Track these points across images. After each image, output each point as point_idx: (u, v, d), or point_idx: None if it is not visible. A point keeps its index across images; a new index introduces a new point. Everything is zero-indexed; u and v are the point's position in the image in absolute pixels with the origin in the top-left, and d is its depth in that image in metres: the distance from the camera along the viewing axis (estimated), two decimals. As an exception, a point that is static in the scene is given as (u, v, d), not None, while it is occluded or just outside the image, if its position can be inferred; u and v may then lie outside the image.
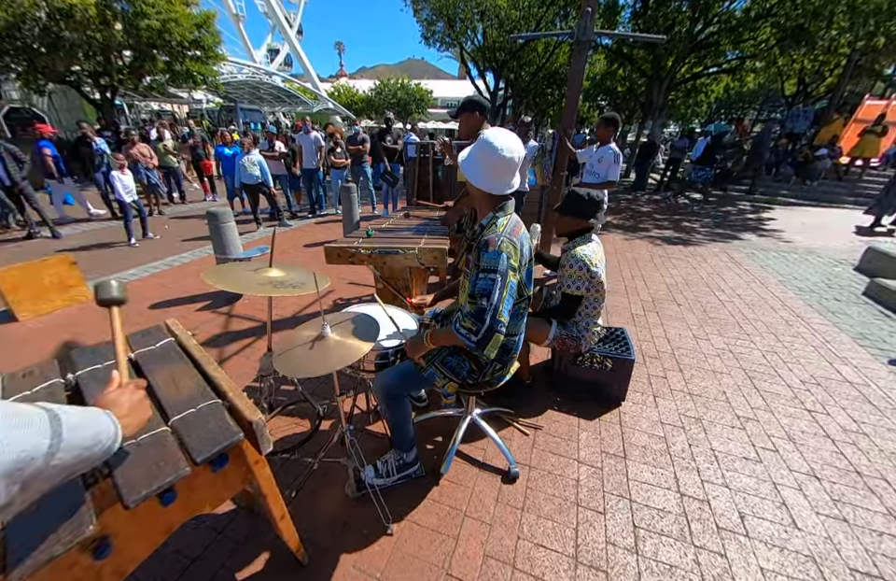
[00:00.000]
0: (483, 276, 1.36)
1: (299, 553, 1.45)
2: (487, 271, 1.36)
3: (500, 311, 1.36)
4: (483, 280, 1.36)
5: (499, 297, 1.35)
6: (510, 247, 1.39)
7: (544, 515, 1.75)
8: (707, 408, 2.50)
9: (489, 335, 1.36)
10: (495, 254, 1.36)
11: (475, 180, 1.44)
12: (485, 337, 1.36)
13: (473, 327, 1.35)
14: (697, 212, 9.02)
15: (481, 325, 1.34)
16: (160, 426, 0.94)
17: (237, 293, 3.66)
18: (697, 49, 11.28)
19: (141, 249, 5.46)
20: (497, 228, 1.43)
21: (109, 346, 1.29)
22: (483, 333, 1.35)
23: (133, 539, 0.94)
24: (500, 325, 1.37)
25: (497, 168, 1.40)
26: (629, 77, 14.61)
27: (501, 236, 1.39)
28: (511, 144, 1.38)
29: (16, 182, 5.23)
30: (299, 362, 1.34)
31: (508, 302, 1.39)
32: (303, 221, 7.41)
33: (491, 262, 1.36)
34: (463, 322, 1.38)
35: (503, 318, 1.37)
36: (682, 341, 3.30)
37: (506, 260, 1.36)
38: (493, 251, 1.36)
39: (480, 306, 1.35)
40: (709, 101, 21.05)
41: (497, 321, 1.36)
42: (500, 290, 1.35)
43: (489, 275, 1.35)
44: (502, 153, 1.37)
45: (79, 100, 11.23)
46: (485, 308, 1.34)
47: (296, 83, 25.55)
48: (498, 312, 1.35)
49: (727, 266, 5.29)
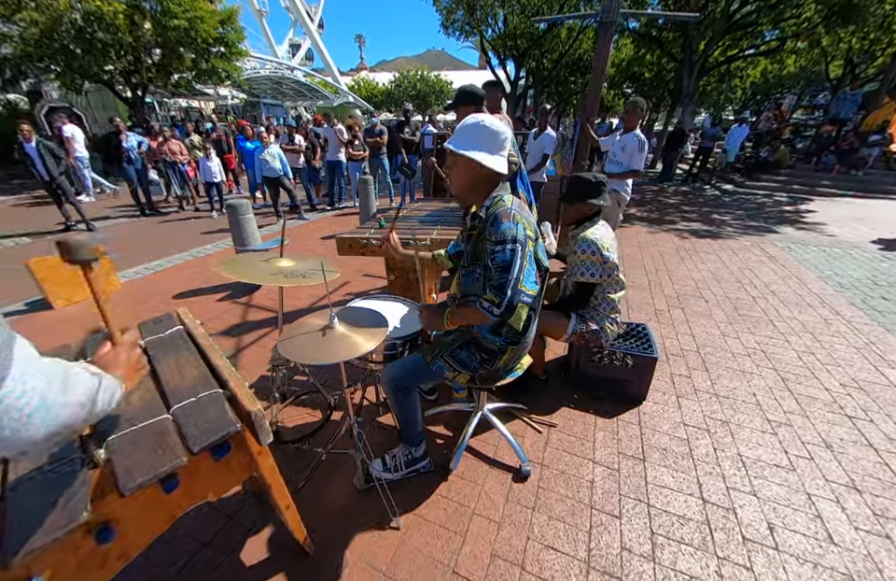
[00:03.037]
0: (499, 249, 1.32)
1: (305, 543, 1.45)
2: (503, 242, 1.32)
3: (521, 281, 1.33)
4: (501, 253, 1.32)
5: (520, 266, 1.32)
6: (523, 218, 1.37)
7: (556, 516, 1.69)
8: (735, 411, 2.35)
9: (512, 307, 1.33)
10: (510, 225, 1.32)
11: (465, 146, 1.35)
12: (508, 308, 1.33)
13: (496, 299, 1.32)
14: (728, 203, 8.56)
15: (502, 297, 1.31)
16: (161, 413, 0.94)
17: (255, 284, 3.74)
18: (733, 30, 10.58)
19: (166, 243, 5.67)
20: (505, 202, 1.40)
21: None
22: (505, 305, 1.32)
23: (136, 525, 0.94)
24: (523, 295, 1.35)
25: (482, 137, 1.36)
26: (657, 63, 13.95)
27: (513, 208, 1.37)
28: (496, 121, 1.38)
29: (53, 177, 5.51)
30: (304, 349, 1.32)
31: (529, 272, 1.37)
32: (321, 214, 7.50)
33: (507, 233, 1.32)
34: (485, 296, 1.36)
35: (525, 289, 1.35)
36: (709, 339, 3.13)
37: (522, 230, 1.33)
38: (507, 222, 1.33)
39: (501, 280, 1.31)
40: (744, 86, 19.88)
41: (519, 291, 1.33)
42: (521, 260, 1.32)
43: (507, 246, 1.31)
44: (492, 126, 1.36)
45: (113, 98, 11.72)
46: (505, 280, 1.31)
47: (317, 77, 25.87)
48: (520, 282, 1.33)
49: (760, 260, 4.99)
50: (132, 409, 0.95)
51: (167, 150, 6.94)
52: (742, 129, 10.38)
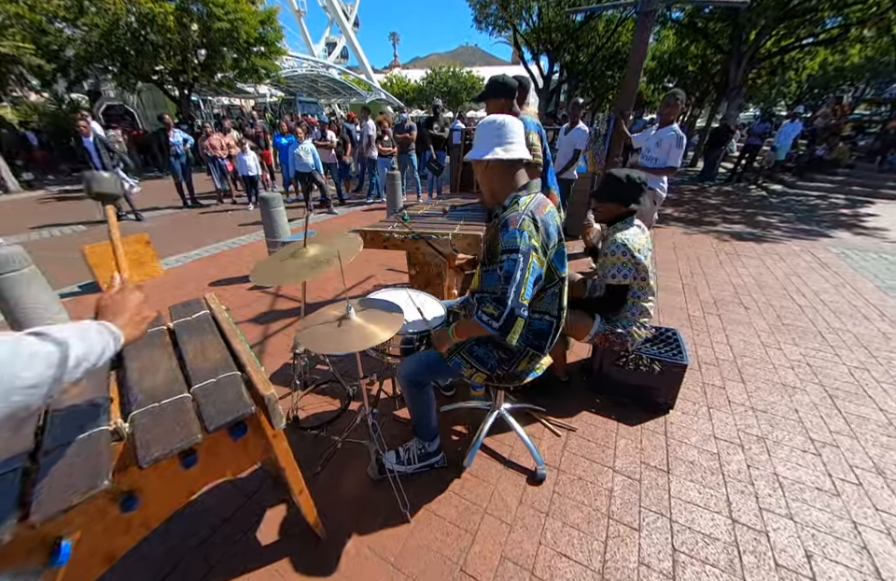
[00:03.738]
0: (504, 258, 1.31)
1: (316, 527, 1.48)
2: (509, 251, 1.30)
3: (522, 294, 1.30)
4: (507, 262, 1.30)
5: (521, 278, 1.29)
6: (530, 226, 1.32)
7: (570, 523, 1.64)
8: (774, 427, 2.19)
9: (511, 320, 1.30)
10: (514, 233, 1.30)
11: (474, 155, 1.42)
12: (507, 322, 1.30)
13: (495, 312, 1.30)
14: (776, 205, 7.97)
15: (502, 309, 1.29)
16: (182, 391, 0.98)
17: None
18: (789, 17, 9.73)
19: (204, 233, 5.99)
20: (519, 206, 1.37)
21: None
22: (504, 318, 1.29)
23: (158, 496, 1.00)
24: (522, 308, 1.31)
25: (486, 136, 1.39)
26: (702, 55, 13.14)
27: (522, 215, 1.33)
28: (494, 116, 1.40)
29: (108, 170, 5.96)
30: (320, 338, 1.35)
31: (530, 283, 1.32)
32: (350, 209, 7.66)
33: (510, 242, 1.30)
34: (484, 308, 1.33)
35: (525, 301, 1.31)
36: (748, 348, 2.93)
37: (527, 239, 1.30)
38: (513, 230, 1.30)
39: (503, 290, 1.29)
40: (800, 79, 18.35)
41: (520, 304, 1.30)
42: (522, 272, 1.29)
43: (511, 255, 1.29)
44: (490, 120, 1.38)
45: (163, 97, 12.54)
46: (506, 290, 1.28)
47: (351, 75, 26.43)
48: (521, 294, 1.30)
49: (810, 267, 4.61)
50: (157, 386, 1.00)
51: (208, 145, 7.33)
52: (795, 125, 9.62)
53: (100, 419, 0.88)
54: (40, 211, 7.54)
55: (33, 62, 8.95)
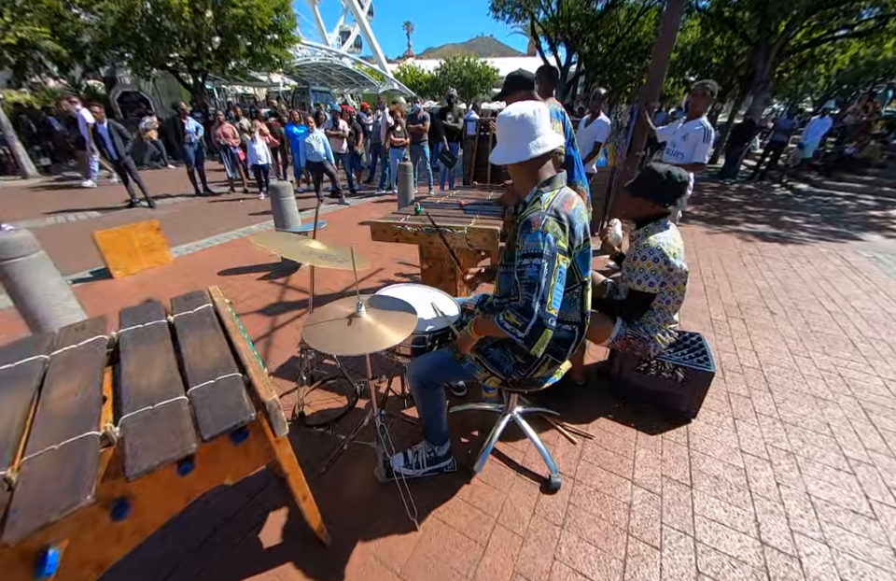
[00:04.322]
0: (526, 262, 1.19)
1: (321, 533, 1.42)
2: (531, 256, 1.18)
3: (549, 303, 1.17)
4: (529, 267, 1.18)
5: (547, 286, 1.17)
6: (555, 226, 1.20)
7: (587, 537, 1.55)
8: (804, 442, 2.06)
9: (538, 331, 1.18)
10: (537, 236, 1.18)
11: (500, 158, 1.32)
12: (533, 333, 1.18)
13: (519, 322, 1.18)
14: (801, 205, 7.65)
15: (527, 319, 1.17)
16: (179, 393, 0.92)
17: (295, 264, 3.82)
18: (823, 7, 9.24)
19: (215, 222, 5.98)
20: (542, 204, 1.24)
21: (152, 304, 1.35)
22: (530, 329, 1.17)
23: (152, 503, 0.94)
24: (551, 319, 1.18)
25: (510, 133, 1.27)
26: (728, 46, 12.62)
27: (545, 214, 1.21)
28: (519, 106, 1.27)
29: (121, 157, 6.02)
30: (327, 337, 1.27)
31: (558, 291, 1.20)
32: (361, 200, 7.59)
33: (533, 246, 1.18)
34: (507, 315, 1.22)
35: (553, 311, 1.19)
36: (774, 356, 2.78)
37: (552, 241, 1.18)
38: (535, 232, 1.18)
39: (526, 298, 1.17)
40: (829, 73, 17.56)
41: (547, 314, 1.17)
42: (548, 278, 1.16)
43: (533, 260, 1.17)
44: (509, 115, 1.26)
45: (177, 85, 12.59)
46: (531, 300, 1.16)
47: (364, 65, 26.20)
48: (547, 304, 1.17)
49: (840, 271, 4.38)
50: (153, 386, 0.93)
51: (220, 133, 7.31)
52: (824, 121, 9.18)
53: (89, 422, 0.81)
54: (55, 197, 7.63)
55: (50, 47, 9.03)
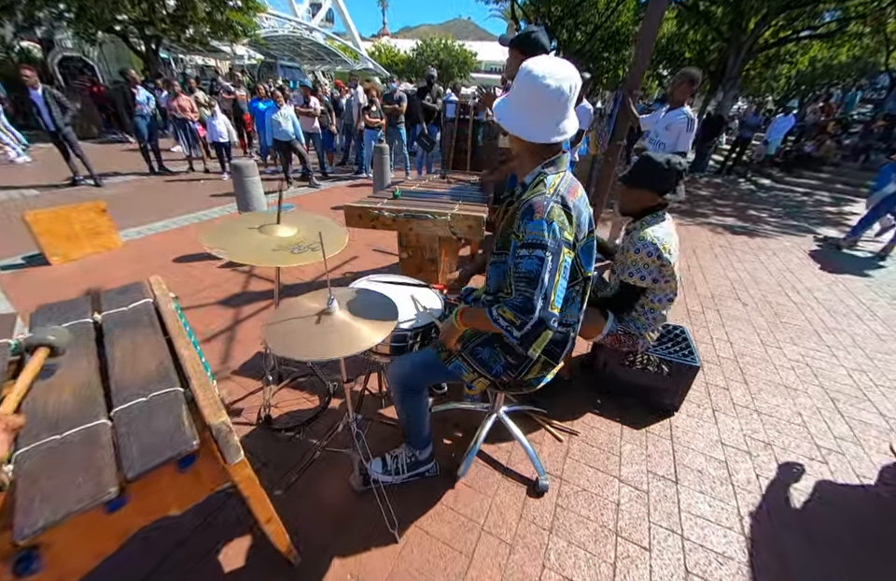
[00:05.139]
0: (525, 253, 1.04)
1: (290, 555, 1.27)
2: (532, 246, 1.03)
3: (553, 301, 1.04)
4: (528, 259, 1.03)
5: (550, 282, 1.03)
6: (561, 215, 1.06)
7: (576, 541, 1.48)
8: (780, 432, 2.09)
9: (537, 331, 1.05)
10: (541, 224, 1.03)
11: (511, 125, 1.09)
12: (533, 333, 1.05)
13: (517, 320, 1.04)
14: (765, 199, 8.00)
15: (526, 318, 1.03)
16: (98, 416, 0.73)
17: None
18: (791, 7, 9.55)
19: (171, 203, 5.50)
20: (546, 188, 1.09)
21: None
22: (529, 328, 1.04)
23: (72, 550, 0.76)
24: (553, 319, 1.05)
25: (538, 102, 1.03)
26: (701, 41, 12.91)
27: (550, 200, 1.06)
28: (558, 70, 1.01)
29: (59, 128, 5.30)
30: (293, 338, 1.10)
31: (562, 288, 1.06)
32: (334, 184, 7.22)
33: (535, 235, 1.03)
34: (502, 311, 1.07)
35: (556, 310, 1.05)
36: (748, 347, 2.84)
37: (557, 231, 1.03)
38: (538, 220, 1.03)
39: (525, 295, 1.03)
40: (789, 74, 18.46)
41: (550, 314, 1.04)
42: (552, 273, 1.03)
43: (534, 251, 1.03)
44: (544, 81, 1.00)
45: (127, 51, 11.44)
46: (531, 297, 1.02)
47: (337, 41, 25.02)
48: (550, 302, 1.03)
49: (802, 263, 4.58)
50: (63, 407, 0.74)
51: (176, 107, 6.68)
52: (788, 120, 9.60)
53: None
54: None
55: (-28, -1, 7.92)
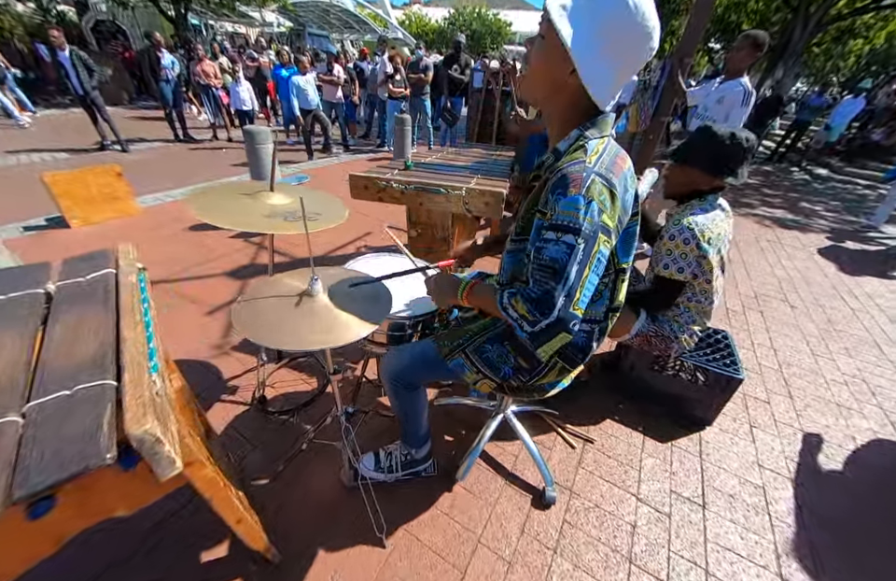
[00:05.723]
0: (553, 236, 0.80)
1: (268, 553, 1.17)
2: (562, 229, 0.79)
3: (577, 300, 0.82)
4: (555, 245, 0.80)
5: (578, 277, 0.80)
6: (603, 192, 0.80)
7: (583, 565, 1.32)
8: (829, 458, 1.83)
9: (554, 330, 0.83)
10: (578, 200, 0.78)
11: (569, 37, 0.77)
12: (548, 332, 0.84)
13: (530, 315, 0.83)
14: (821, 191, 7.25)
15: (542, 316, 0.82)
16: (8, 412, 0.61)
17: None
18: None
19: (191, 171, 5.51)
20: (587, 156, 0.83)
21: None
22: (544, 326, 0.83)
23: (-9, 555, 0.66)
24: (575, 322, 0.83)
25: (623, 45, 0.78)
26: (762, 10, 11.64)
27: (592, 171, 0.81)
28: (651, 12, 0.76)
29: (87, 92, 5.33)
30: (262, 322, 0.96)
31: (590, 284, 0.83)
32: (355, 156, 7.05)
33: (568, 215, 0.79)
34: (515, 302, 0.86)
35: (579, 311, 0.83)
36: (795, 356, 2.53)
37: (596, 213, 0.79)
38: (574, 196, 0.78)
39: (545, 288, 0.81)
40: (861, 51, 16.48)
41: (571, 315, 0.82)
42: (581, 266, 0.80)
43: (564, 236, 0.79)
44: (643, 21, 0.76)
45: (158, 16, 11.51)
46: (552, 291, 0.80)
47: (367, 8, 24.37)
48: (574, 301, 0.81)
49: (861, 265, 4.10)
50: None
51: (200, 72, 6.64)
52: (857, 102, 8.54)
53: None
54: (17, 135, 6.95)
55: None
